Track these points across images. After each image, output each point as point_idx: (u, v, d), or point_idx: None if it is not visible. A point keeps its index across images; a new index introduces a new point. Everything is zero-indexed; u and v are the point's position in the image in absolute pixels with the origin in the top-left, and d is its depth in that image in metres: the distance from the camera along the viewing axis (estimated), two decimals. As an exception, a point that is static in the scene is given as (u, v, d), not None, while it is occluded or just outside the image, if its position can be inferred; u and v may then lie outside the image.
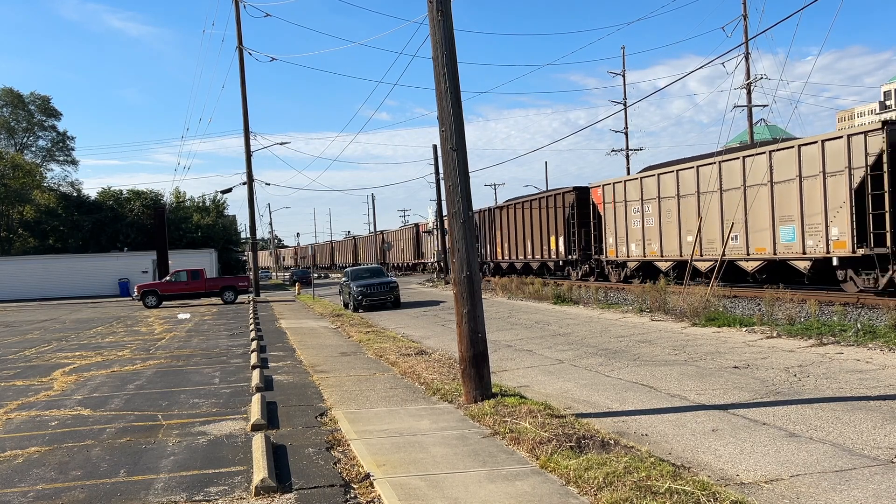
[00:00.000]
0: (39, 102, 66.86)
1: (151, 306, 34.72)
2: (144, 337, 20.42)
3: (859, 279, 18.01)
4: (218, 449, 7.60)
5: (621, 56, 75.83)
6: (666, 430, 7.47)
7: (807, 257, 19.16)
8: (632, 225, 27.24)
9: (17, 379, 13.17)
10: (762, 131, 41.97)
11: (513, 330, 17.21)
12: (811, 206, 18.93)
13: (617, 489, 5.43)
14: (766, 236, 20.55)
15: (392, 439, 7.51)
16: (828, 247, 18.39)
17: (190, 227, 56.52)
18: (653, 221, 25.78)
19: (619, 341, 14.06)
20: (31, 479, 6.78)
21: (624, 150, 52.68)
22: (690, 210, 23.77)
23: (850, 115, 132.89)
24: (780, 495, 5.45)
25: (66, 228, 53.86)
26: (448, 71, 8.96)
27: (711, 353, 11.94)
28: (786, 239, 19.89)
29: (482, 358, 8.98)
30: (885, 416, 7.45)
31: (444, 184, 9.32)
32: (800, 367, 10.28)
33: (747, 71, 38.80)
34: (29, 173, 58.31)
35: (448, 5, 9.08)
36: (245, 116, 40.77)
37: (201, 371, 13.28)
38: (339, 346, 16.22)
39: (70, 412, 9.85)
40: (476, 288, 9.04)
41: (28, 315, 33.21)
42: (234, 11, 40.27)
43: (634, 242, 27.15)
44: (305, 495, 5.97)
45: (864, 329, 12.66)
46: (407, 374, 11.55)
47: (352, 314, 25.22)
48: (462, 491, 5.77)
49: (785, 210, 19.82)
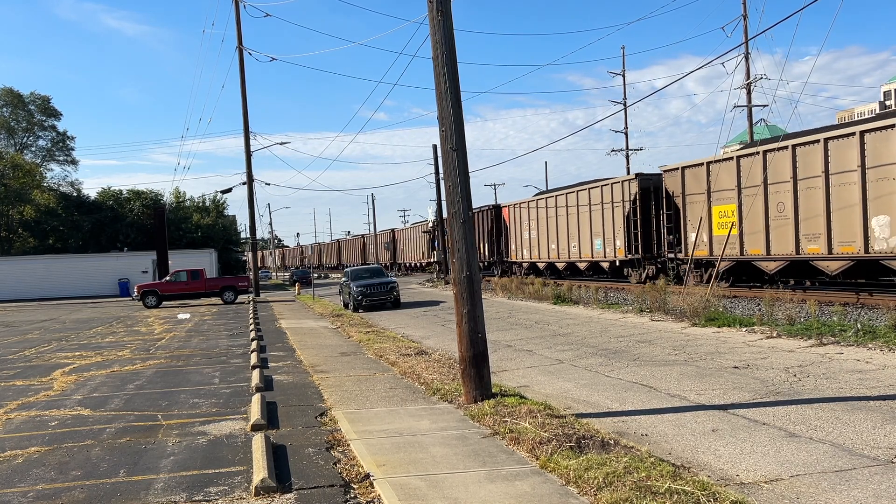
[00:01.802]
0: (39, 102, 66.82)
1: (151, 306, 34.72)
2: (144, 337, 20.42)
3: None
4: (218, 449, 7.60)
5: (619, 56, 76.18)
6: (666, 430, 7.47)
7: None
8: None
9: (17, 379, 13.17)
10: (762, 131, 42.00)
11: (513, 330, 17.20)
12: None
13: (617, 489, 5.43)
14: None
15: (392, 439, 7.51)
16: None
17: (190, 227, 56.55)
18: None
19: (619, 341, 14.05)
20: (31, 479, 6.78)
21: (623, 150, 52.72)
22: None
23: (849, 115, 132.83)
24: (779, 495, 5.45)
25: (66, 228, 53.87)
26: (448, 71, 8.96)
27: (711, 354, 11.94)
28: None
29: (482, 358, 8.98)
30: (885, 416, 7.45)
31: (444, 184, 9.32)
32: (800, 368, 10.28)
33: (747, 71, 38.82)
34: (29, 173, 58.28)
35: (448, 5, 9.08)
36: (245, 116, 40.80)
37: (201, 371, 13.28)
38: (339, 346, 16.22)
39: (70, 412, 9.85)
40: (476, 288, 9.04)
41: (28, 315, 33.20)
42: (234, 11, 40.32)
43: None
44: (305, 495, 5.97)
45: (864, 329, 12.66)
46: (407, 374, 11.55)
47: (352, 314, 25.22)
48: (462, 491, 5.77)
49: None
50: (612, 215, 28.40)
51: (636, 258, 27.05)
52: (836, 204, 17.87)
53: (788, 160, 19.14)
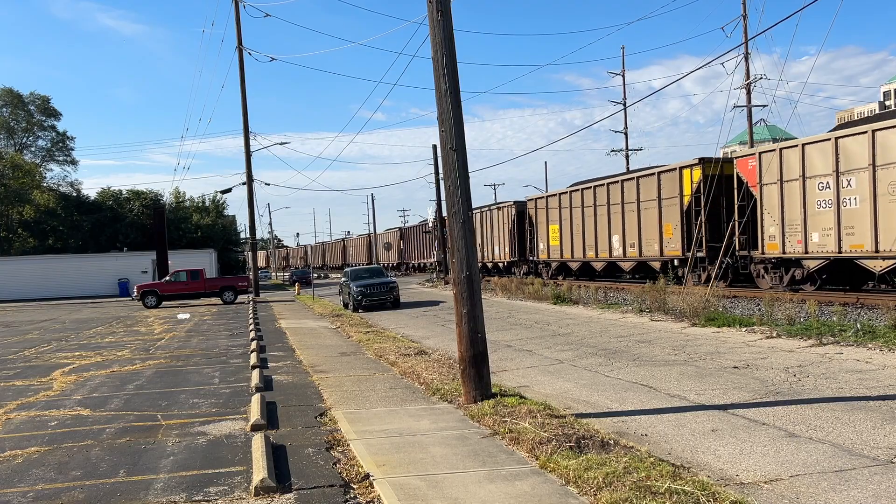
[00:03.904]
0: (39, 102, 66.80)
1: (151, 306, 34.71)
2: (144, 337, 20.41)
3: None
4: (217, 449, 7.59)
5: (617, 56, 76.48)
6: (665, 430, 7.47)
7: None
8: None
9: (17, 379, 13.16)
10: (762, 131, 42.01)
11: (512, 330, 17.20)
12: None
13: (616, 489, 5.43)
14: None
15: (392, 439, 7.51)
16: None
17: (189, 227, 56.56)
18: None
19: (619, 341, 14.05)
20: (31, 479, 6.78)
21: (623, 150, 52.72)
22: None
23: (849, 115, 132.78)
24: (779, 495, 5.45)
25: (66, 228, 53.88)
26: (448, 71, 8.96)
27: (711, 354, 11.94)
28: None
29: (482, 358, 8.98)
30: (884, 416, 7.45)
31: (444, 184, 9.32)
32: (799, 368, 10.28)
33: (747, 71, 38.82)
34: (28, 173, 58.31)
35: (448, 5, 9.08)
36: (245, 116, 40.78)
37: (201, 371, 13.28)
38: (338, 346, 16.22)
39: (69, 412, 9.84)
40: (476, 288, 9.04)
41: (28, 315, 33.19)
42: (234, 11, 40.30)
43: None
44: (305, 495, 5.97)
45: (864, 329, 12.66)
46: (406, 374, 11.55)
47: (351, 314, 25.22)
48: (462, 491, 5.77)
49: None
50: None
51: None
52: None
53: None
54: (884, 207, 17.47)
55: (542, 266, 36.34)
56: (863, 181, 17.98)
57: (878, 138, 17.61)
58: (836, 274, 19.86)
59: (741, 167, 22.24)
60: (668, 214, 25.38)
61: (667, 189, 25.47)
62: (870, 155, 17.70)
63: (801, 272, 20.29)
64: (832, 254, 18.85)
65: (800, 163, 19.80)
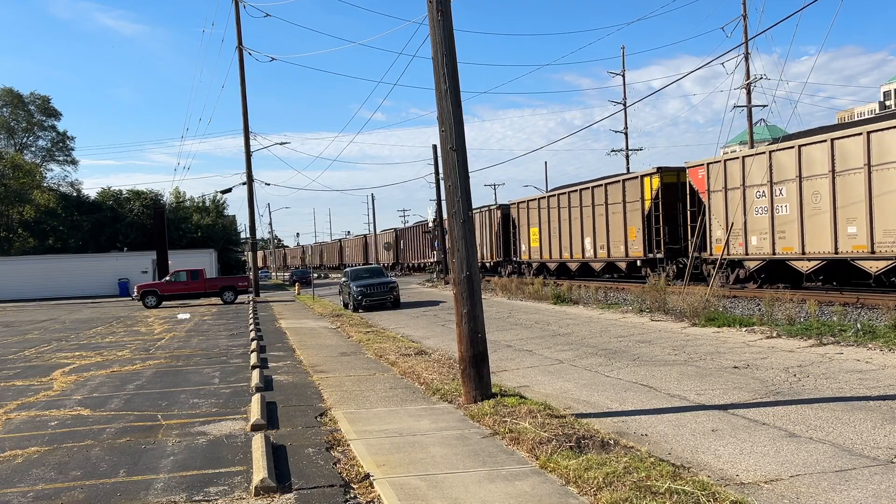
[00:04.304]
0: (39, 102, 66.77)
1: (151, 306, 34.72)
2: (144, 337, 20.42)
3: None
4: (218, 449, 7.60)
5: (616, 56, 76.70)
6: (666, 430, 7.47)
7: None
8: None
9: (17, 379, 13.16)
10: (762, 131, 42.00)
11: (512, 330, 17.20)
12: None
13: (617, 489, 5.43)
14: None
15: (392, 439, 7.51)
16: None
17: (190, 227, 56.56)
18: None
19: (619, 341, 14.06)
20: (31, 479, 6.78)
21: (623, 150, 52.72)
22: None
23: (849, 115, 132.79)
24: (779, 495, 5.45)
25: (66, 228, 53.88)
26: (448, 71, 8.96)
27: (711, 354, 11.94)
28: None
29: (482, 358, 8.98)
30: (884, 416, 7.45)
31: (444, 184, 9.32)
32: (799, 368, 10.28)
33: (747, 71, 38.81)
34: (29, 173, 58.30)
35: (448, 5, 9.08)
36: (245, 116, 40.78)
37: (201, 371, 13.28)
38: (338, 346, 16.22)
39: (70, 412, 9.85)
40: (476, 288, 9.04)
41: (28, 315, 33.20)
42: (234, 11, 40.30)
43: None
44: (305, 495, 5.97)
45: (864, 329, 12.66)
46: (407, 374, 11.55)
47: (351, 314, 25.22)
48: (462, 491, 5.77)
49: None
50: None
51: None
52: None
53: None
54: (809, 214, 19.39)
55: (524, 266, 37.97)
56: (791, 191, 19.99)
57: (803, 152, 19.53)
58: (771, 273, 21.62)
59: (692, 176, 24.30)
60: (632, 219, 27.38)
61: (630, 195, 27.51)
62: (796, 167, 19.71)
63: (744, 272, 22.26)
64: (768, 255, 20.93)
65: (741, 173, 21.78)
